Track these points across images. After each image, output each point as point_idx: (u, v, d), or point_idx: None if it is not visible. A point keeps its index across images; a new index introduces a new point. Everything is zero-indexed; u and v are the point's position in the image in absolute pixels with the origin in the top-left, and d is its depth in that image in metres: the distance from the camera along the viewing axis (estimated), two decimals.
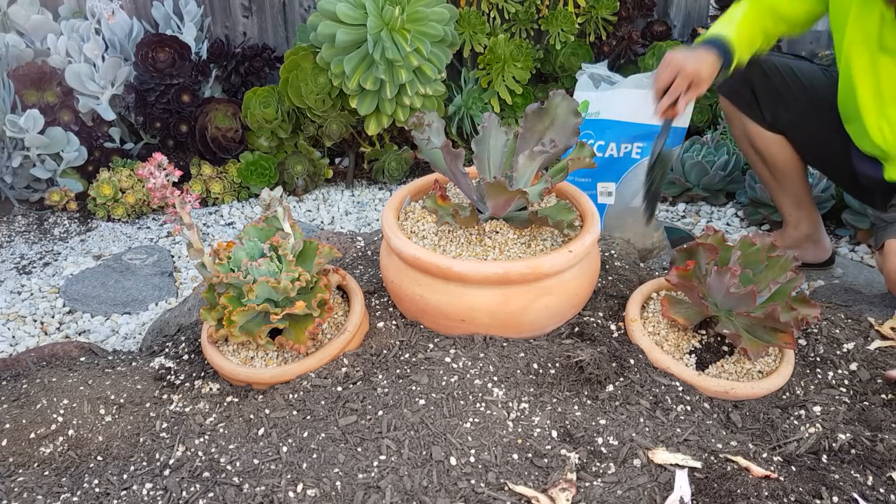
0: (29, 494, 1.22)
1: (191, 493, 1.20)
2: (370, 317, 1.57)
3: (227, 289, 1.38)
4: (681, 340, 1.46)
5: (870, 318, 1.57)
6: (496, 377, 1.36)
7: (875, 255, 1.77)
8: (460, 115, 2.78)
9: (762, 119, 1.82)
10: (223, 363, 1.41)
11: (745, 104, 1.84)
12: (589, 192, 2.03)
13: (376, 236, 1.96)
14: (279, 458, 1.24)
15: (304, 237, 1.45)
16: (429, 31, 2.37)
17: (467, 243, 1.49)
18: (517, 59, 2.68)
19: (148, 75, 2.57)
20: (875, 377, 1.41)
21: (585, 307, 1.58)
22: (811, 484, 1.18)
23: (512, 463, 1.20)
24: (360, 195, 2.76)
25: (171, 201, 1.39)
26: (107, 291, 2.11)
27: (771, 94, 1.79)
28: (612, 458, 1.22)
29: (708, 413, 1.33)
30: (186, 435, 1.33)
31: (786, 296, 1.36)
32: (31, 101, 2.51)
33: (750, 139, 1.88)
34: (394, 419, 1.28)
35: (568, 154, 1.53)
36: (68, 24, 2.59)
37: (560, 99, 1.47)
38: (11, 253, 2.37)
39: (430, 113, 1.50)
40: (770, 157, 1.87)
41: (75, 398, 1.40)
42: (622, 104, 2.03)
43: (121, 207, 2.54)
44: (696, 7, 2.90)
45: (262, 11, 2.85)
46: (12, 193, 2.59)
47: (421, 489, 1.16)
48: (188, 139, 2.64)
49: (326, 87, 2.50)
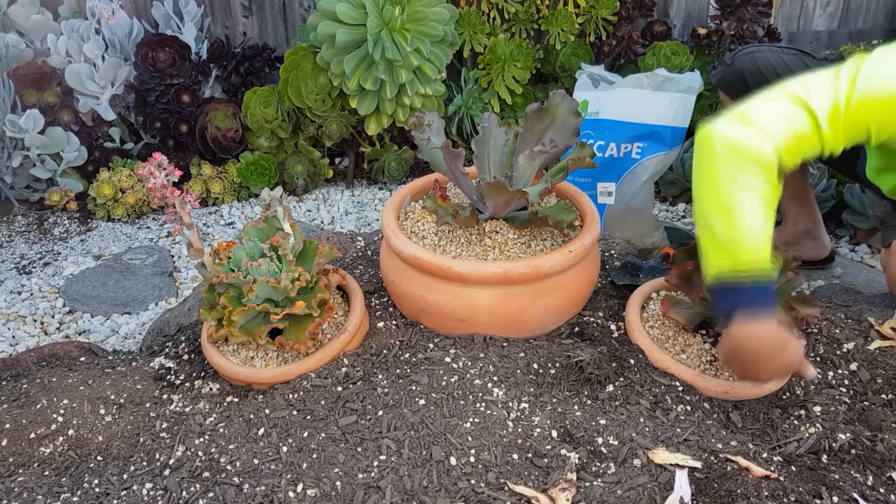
0: (29, 494, 1.22)
1: (191, 493, 1.20)
2: (370, 317, 1.57)
3: (227, 289, 1.38)
4: (681, 340, 1.46)
5: (870, 318, 1.57)
6: (496, 377, 1.36)
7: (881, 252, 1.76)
8: (460, 115, 2.78)
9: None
10: (223, 363, 1.41)
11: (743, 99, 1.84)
12: (589, 192, 2.03)
13: (376, 236, 1.96)
14: (279, 458, 1.24)
15: (304, 237, 1.46)
16: (429, 31, 2.37)
17: (467, 243, 1.49)
18: (517, 59, 2.68)
19: (148, 75, 2.57)
20: (875, 377, 1.41)
21: (585, 307, 1.58)
22: (811, 484, 1.18)
23: (512, 463, 1.20)
24: (360, 195, 2.76)
25: (171, 201, 1.39)
26: (107, 291, 2.11)
27: None
28: (612, 458, 1.22)
29: (708, 413, 1.33)
30: (186, 435, 1.33)
31: (786, 296, 1.36)
32: (31, 101, 2.51)
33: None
34: (394, 419, 1.28)
35: (568, 154, 1.53)
36: (68, 24, 2.59)
37: (560, 99, 1.47)
38: (11, 253, 2.37)
39: (430, 113, 1.50)
40: None
41: (75, 398, 1.40)
42: (622, 104, 2.03)
43: (121, 207, 2.54)
44: (696, 7, 2.90)
45: (262, 11, 2.85)
46: (12, 193, 2.59)
47: (421, 489, 1.16)
48: (188, 139, 2.64)
49: (326, 87, 2.50)
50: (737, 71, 1.80)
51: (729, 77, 1.81)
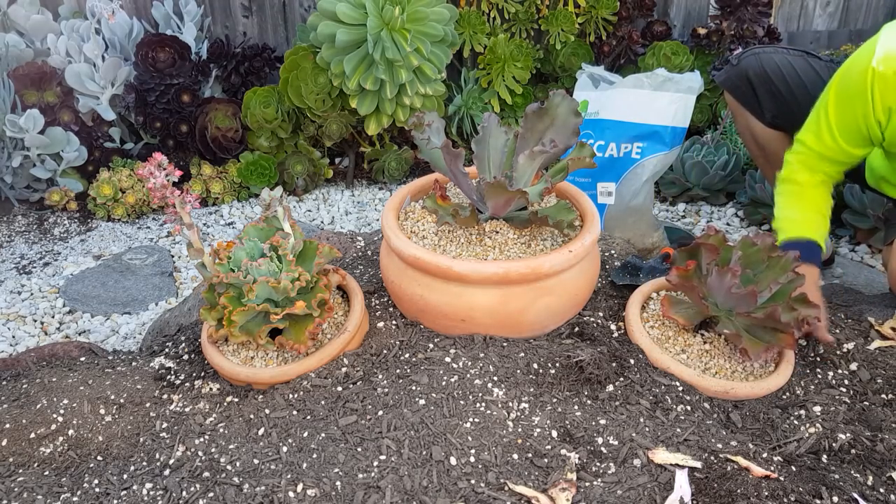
0: (29, 494, 1.22)
1: (191, 493, 1.20)
2: (370, 317, 1.57)
3: (227, 289, 1.38)
4: (681, 340, 1.46)
5: (870, 318, 1.57)
6: (496, 377, 1.36)
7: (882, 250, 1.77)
8: (460, 115, 2.78)
9: (763, 116, 1.83)
10: (223, 363, 1.41)
11: (748, 101, 1.85)
12: (589, 192, 2.03)
13: (376, 236, 1.96)
14: (279, 457, 1.24)
15: (304, 237, 1.45)
16: (429, 30, 2.37)
17: (467, 243, 1.49)
18: (517, 59, 2.68)
19: (148, 75, 2.57)
20: (875, 377, 1.41)
21: (585, 307, 1.58)
22: (811, 484, 1.18)
23: (512, 463, 1.20)
24: (360, 195, 2.76)
25: (171, 201, 1.39)
26: (107, 291, 2.11)
27: (772, 95, 1.79)
28: (612, 458, 1.22)
29: (708, 413, 1.33)
30: (186, 435, 1.33)
31: (786, 296, 1.36)
32: (31, 101, 2.51)
33: (753, 134, 1.89)
34: (394, 419, 1.28)
35: (568, 154, 1.53)
36: (68, 24, 2.59)
37: (560, 99, 1.47)
38: (11, 253, 2.37)
39: (430, 113, 1.50)
40: (773, 153, 1.87)
41: (75, 398, 1.40)
42: (621, 104, 2.03)
43: (121, 207, 2.54)
44: (696, 7, 2.90)
45: (262, 11, 2.85)
46: (12, 193, 2.59)
47: (421, 489, 1.16)
48: (188, 139, 2.64)
49: (326, 87, 2.50)
50: (742, 72, 1.81)
51: (734, 78, 1.82)
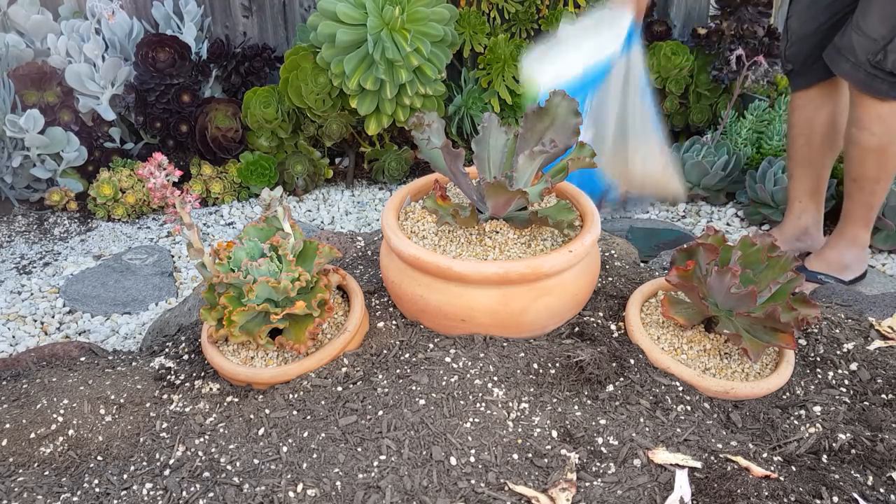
0: (29, 494, 1.22)
1: (191, 493, 1.20)
2: (370, 317, 1.57)
3: (227, 289, 1.38)
4: (681, 340, 1.46)
5: (870, 318, 1.57)
6: (496, 377, 1.36)
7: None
8: (460, 115, 2.78)
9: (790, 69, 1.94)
10: (223, 363, 1.41)
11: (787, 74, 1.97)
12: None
13: (376, 236, 1.96)
14: (279, 458, 1.24)
15: (304, 237, 1.45)
16: (429, 31, 2.37)
17: (467, 243, 1.49)
18: (517, 59, 2.68)
19: (148, 75, 2.57)
20: (875, 377, 1.41)
21: (585, 307, 1.58)
22: (811, 484, 1.18)
23: (512, 463, 1.21)
24: (360, 195, 2.76)
25: (171, 201, 1.39)
26: (107, 291, 2.11)
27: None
28: (612, 458, 1.22)
29: (708, 413, 1.33)
30: (186, 435, 1.33)
31: (786, 296, 1.36)
32: (31, 101, 2.51)
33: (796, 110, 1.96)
34: (394, 419, 1.28)
35: (568, 154, 1.53)
36: (68, 24, 2.59)
37: (560, 99, 1.47)
38: (11, 253, 2.37)
39: (430, 113, 1.50)
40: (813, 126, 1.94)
41: (75, 398, 1.40)
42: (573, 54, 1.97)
43: (121, 207, 2.54)
44: (696, 7, 2.90)
45: (262, 11, 2.85)
46: (12, 193, 2.59)
47: (421, 489, 1.16)
48: (188, 139, 2.64)
49: (326, 87, 2.50)
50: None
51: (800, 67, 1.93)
